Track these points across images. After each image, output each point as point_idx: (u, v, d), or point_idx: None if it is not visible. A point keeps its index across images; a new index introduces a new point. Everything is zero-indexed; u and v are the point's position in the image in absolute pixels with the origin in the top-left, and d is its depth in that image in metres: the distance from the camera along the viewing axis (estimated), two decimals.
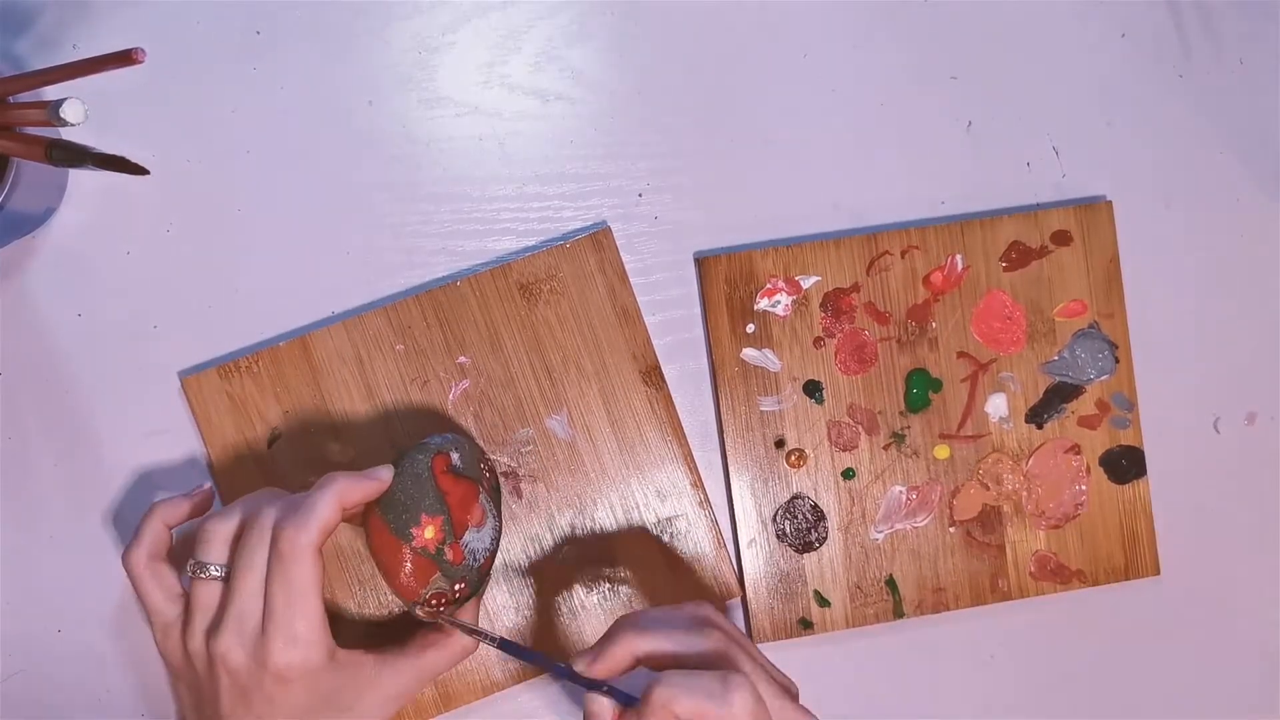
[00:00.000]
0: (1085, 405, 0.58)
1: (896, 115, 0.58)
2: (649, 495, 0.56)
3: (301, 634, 0.44)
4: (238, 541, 0.47)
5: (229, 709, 0.45)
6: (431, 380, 0.55)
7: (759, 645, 0.56)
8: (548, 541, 0.55)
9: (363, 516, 0.49)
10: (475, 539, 0.49)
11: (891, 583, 0.57)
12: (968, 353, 0.57)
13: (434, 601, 0.48)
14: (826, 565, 0.56)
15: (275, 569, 0.45)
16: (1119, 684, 0.59)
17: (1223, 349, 0.60)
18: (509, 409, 0.55)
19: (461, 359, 0.55)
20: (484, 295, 0.55)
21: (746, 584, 0.56)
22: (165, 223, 0.56)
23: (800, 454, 0.57)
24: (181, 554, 0.51)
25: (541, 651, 0.50)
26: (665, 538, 0.56)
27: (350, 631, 0.54)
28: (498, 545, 0.50)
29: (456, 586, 0.48)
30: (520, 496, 0.55)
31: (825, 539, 0.56)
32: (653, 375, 0.56)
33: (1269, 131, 0.60)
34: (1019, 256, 0.58)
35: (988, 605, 0.57)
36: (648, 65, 0.57)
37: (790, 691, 0.46)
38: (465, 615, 0.50)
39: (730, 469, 0.56)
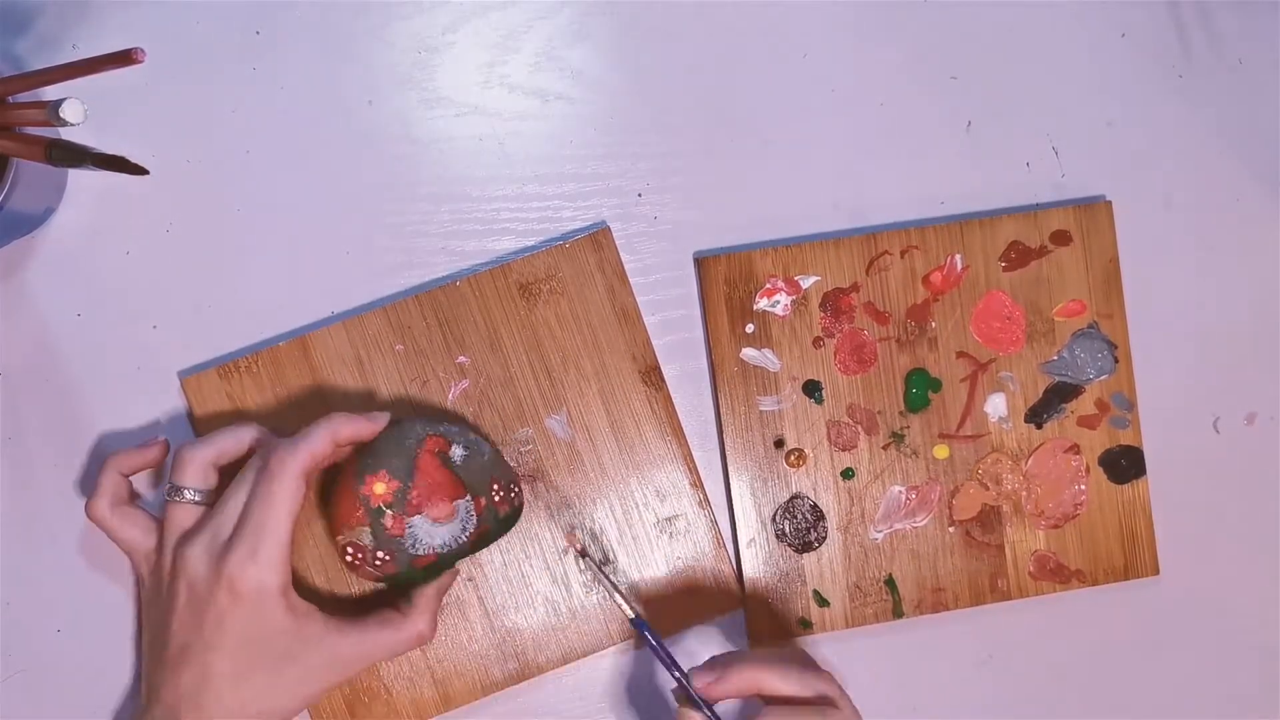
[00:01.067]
0: (1084, 405, 0.58)
1: (896, 115, 0.58)
2: (648, 495, 0.56)
3: (263, 553, 0.46)
4: (215, 469, 0.49)
5: (179, 627, 0.47)
6: (431, 380, 0.55)
7: (758, 646, 0.57)
8: (547, 542, 0.55)
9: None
10: (425, 529, 0.49)
11: (891, 582, 0.57)
12: (967, 352, 0.57)
13: (350, 551, 0.49)
14: (826, 565, 0.56)
15: (259, 484, 0.47)
16: (1118, 684, 0.59)
17: (1222, 349, 0.60)
18: (508, 409, 0.55)
19: (461, 359, 0.55)
20: (484, 295, 0.55)
21: (746, 584, 0.56)
22: (165, 223, 0.56)
23: (799, 454, 0.57)
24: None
25: (670, 652, 0.51)
26: (665, 538, 0.56)
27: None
28: (453, 557, 0.50)
29: (379, 554, 0.48)
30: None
31: (824, 539, 0.56)
32: (652, 375, 0.56)
33: (1269, 131, 0.60)
34: (1018, 256, 0.58)
35: (987, 605, 0.57)
36: (648, 65, 0.57)
37: None
38: (421, 602, 0.51)
39: (730, 469, 0.57)
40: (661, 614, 0.56)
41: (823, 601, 0.56)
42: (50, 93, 0.49)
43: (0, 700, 0.55)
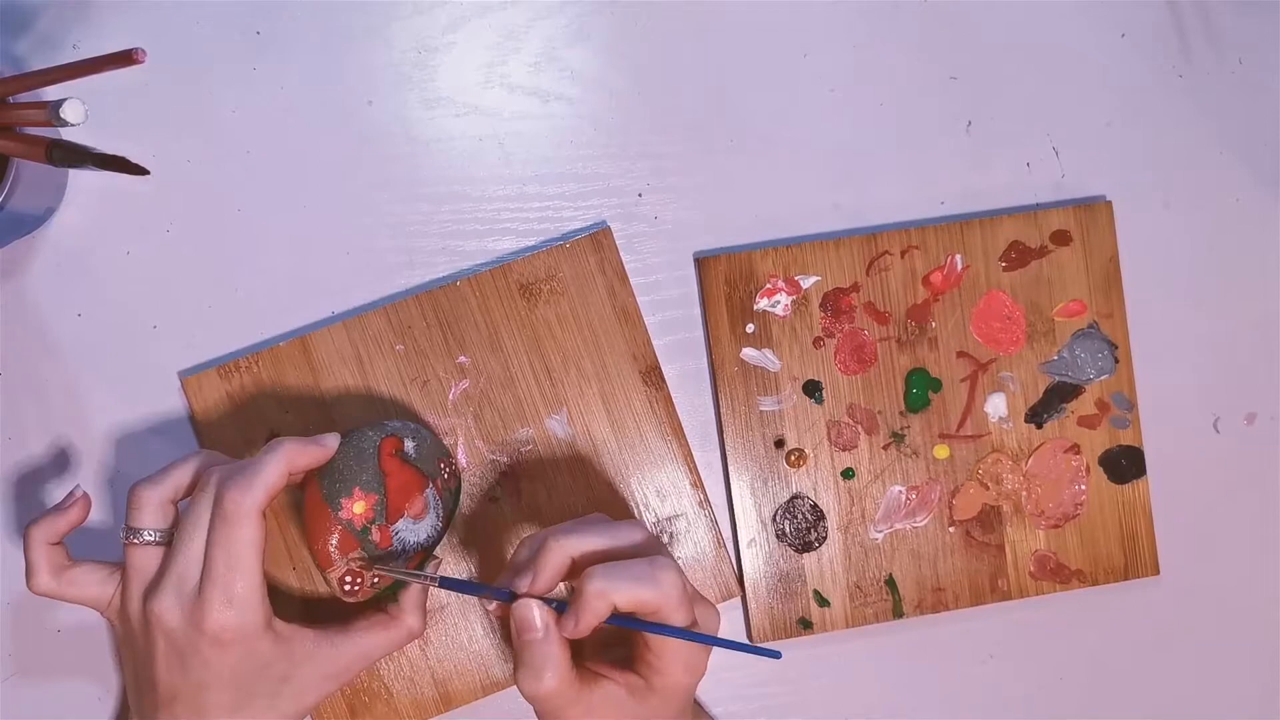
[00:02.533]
0: (1085, 405, 0.58)
1: (896, 115, 0.58)
2: (649, 495, 0.56)
3: (239, 595, 0.45)
4: (172, 505, 0.47)
5: (164, 673, 0.45)
6: (431, 380, 0.55)
7: (758, 645, 0.57)
8: None
9: (303, 480, 0.49)
10: (409, 530, 0.49)
11: (891, 582, 0.57)
12: (967, 352, 0.57)
13: (348, 581, 0.48)
14: (826, 565, 0.56)
15: (218, 529, 0.45)
16: (1118, 684, 0.59)
17: (1223, 349, 0.60)
18: (509, 409, 0.55)
19: (461, 359, 0.55)
20: (484, 295, 0.55)
21: (746, 584, 0.56)
22: (165, 223, 0.56)
23: (800, 454, 0.57)
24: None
25: (480, 582, 0.49)
26: (665, 538, 0.56)
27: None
28: (435, 544, 0.50)
29: (375, 572, 0.48)
30: (520, 496, 0.55)
31: (825, 539, 0.56)
32: (652, 375, 0.56)
33: (1269, 131, 0.60)
34: (1018, 256, 0.58)
35: (987, 605, 0.57)
36: (648, 65, 0.57)
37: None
38: (409, 600, 0.50)
39: (730, 469, 0.57)
40: None
41: (823, 601, 0.56)
42: (51, 93, 0.49)
43: (0, 700, 0.55)
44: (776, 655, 0.46)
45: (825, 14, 0.58)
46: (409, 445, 0.49)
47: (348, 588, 0.48)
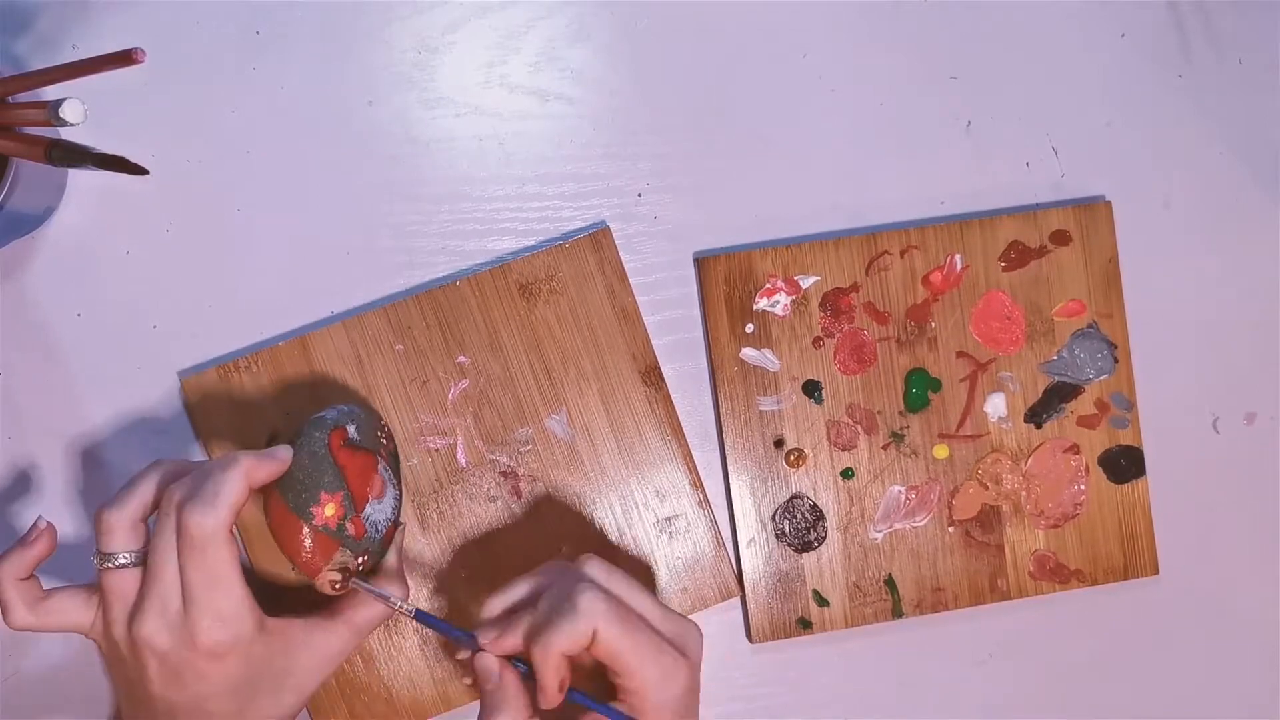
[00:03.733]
0: (1084, 405, 0.58)
1: (896, 115, 0.58)
2: (648, 495, 0.56)
3: (228, 612, 0.44)
4: (143, 524, 0.46)
5: (160, 690, 0.45)
6: (431, 380, 0.55)
7: (758, 645, 0.57)
8: (547, 541, 0.55)
9: (262, 494, 0.49)
10: (376, 511, 0.49)
11: (890, 582, 0.57)
12: (967, 352, 0.57)
13: (335, 582, 0.48)
14: (825, 565, 0.56)
15: (188, 555, 0.44)
16: (1118, 684, 0.59)
17: (1222, 349, 0.60)
18: (508, 409, 0.55)
19: (461, 359, 0.55)
20: (483, 295, 0.55)
21: (746, 584, 0.56)
22: (165, 223, 0.56)
23: (799, 454, 0.57)
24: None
25: (449, 622, 0.50)
26: (665, 537, 0.56)
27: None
28: (399, 512, 0.51)
29: (360, 560, 0.48)
30: (520, 496, 0.55)
31: (824, 539, 0.56)
32: (652, 375, 0.56)
33: (1269, 131, 0.60)
34: (1018, 256, 0.58)
35: (987, 605, 0.57)
36: (648, 65, 0.57)
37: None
38: (386, 572, 0.50)
39: (729, 469, 0.57)
40: None
41: (822, 601, 0.56)
42: (50, 93, 0.49)
43: (0, 700, 0.55)
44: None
45: (825, 14, 0.58)
46: (351, 431, 0.49)
47: (338, 587, 0.48)
